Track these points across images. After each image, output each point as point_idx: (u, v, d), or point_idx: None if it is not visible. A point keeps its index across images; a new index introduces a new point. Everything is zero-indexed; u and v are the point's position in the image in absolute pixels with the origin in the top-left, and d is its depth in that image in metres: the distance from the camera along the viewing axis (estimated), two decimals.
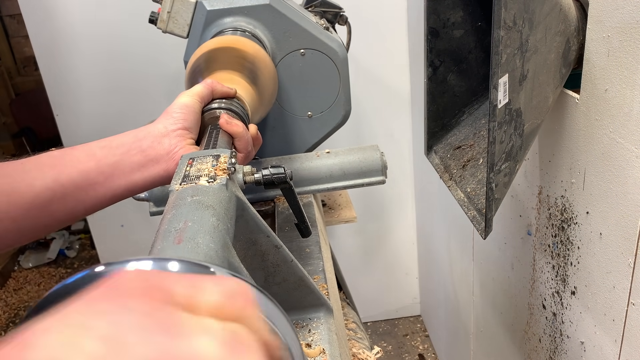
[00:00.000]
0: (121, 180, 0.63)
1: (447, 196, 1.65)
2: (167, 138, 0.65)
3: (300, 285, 0.67)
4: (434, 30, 0.92)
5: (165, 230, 0.43)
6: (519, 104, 0.77)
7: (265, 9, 0.98)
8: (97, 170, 0.62)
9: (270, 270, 0.64)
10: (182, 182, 0.51)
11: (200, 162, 0.55)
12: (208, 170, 0.53)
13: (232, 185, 0.54)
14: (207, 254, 0.40)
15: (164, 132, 0.66)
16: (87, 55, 1.81)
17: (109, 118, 1.89)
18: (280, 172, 0.62)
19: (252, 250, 0.61)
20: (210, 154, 0.57)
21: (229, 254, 0.44)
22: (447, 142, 1.00)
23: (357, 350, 0.94)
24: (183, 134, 0.66)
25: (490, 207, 0.79)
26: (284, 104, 1.06)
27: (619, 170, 0.80)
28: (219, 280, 0.29)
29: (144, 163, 0.64)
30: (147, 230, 2.08)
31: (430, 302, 2.26)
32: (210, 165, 0.54)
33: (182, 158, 0.58)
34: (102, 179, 0.62)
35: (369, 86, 1.97)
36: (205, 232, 0.42)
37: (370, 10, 1.86)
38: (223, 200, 0.49)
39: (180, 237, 0.41)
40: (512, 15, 0.69)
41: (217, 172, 0.53)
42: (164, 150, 0.64)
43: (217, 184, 0.50)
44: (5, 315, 2.76)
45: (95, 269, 0.31)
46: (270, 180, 0.62)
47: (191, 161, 0.56)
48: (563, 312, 1.03)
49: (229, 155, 0.56)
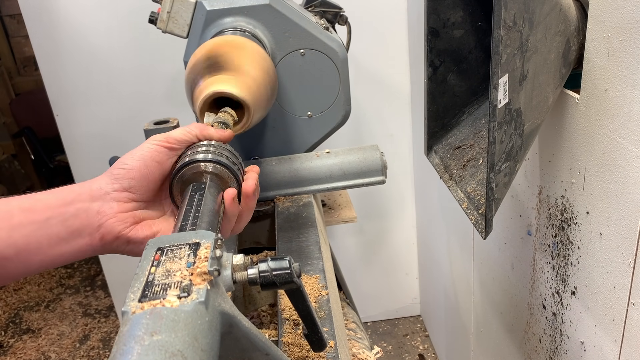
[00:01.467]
0: (35, 255, 0.52)
1: (447, 196, 1.65)
2: (97, 203, 0.54)
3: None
4: (434, 30, 0.92)
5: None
6: (519, 104, 0.77)
7: (265, 9, 0.98)
8: (7, 241, 0.51)
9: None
10: (142, 296, 0.37)
11: (172, 258, 0.41)
12: (181, 275, 0.39)
13: (215, 298, 0.39)
14: None
15: (97, 195, 0.55)
16: (87, 55, 1.81)
17: (108, 118, 1.89)
18: (284, 267, 0.46)
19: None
20: (187, 242, 0.43)
21: None
22: (447, 142, 1.00)
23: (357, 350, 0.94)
24: (119, 197, 0.55)
25: (490, 207, 0.79)
26: (284, 104, 1.06)
27: (619, 170, 0.80)
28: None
29: (63, 236, 0.53)
30: None
31: (430, 302, 2.26)
32: (184, 265, 0.40)
33: (147, 248, 0.44)
34: (13, 253, 0.51)
35: (369, 86, 1.97)
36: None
37: (370, 10, 1.86)
38: (199, 334, 0.35)
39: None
40: (512, 15, 0.69)
41: (194, 278, 0.39)
42: (87, 219, 0.54)
43: (192, 302, 0.36)
44: (5, 315, 2.76)
45: None
46: (270, 280, 0.46)
47: (159, 255, 0.42)
48: (563, 312, 1.03)
49: (212, 244, 0.42)
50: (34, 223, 0.52)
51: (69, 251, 0.54)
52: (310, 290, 0.78)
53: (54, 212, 0.53)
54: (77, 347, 2.48)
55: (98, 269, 2.99)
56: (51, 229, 0.53)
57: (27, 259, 0.52)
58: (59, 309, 2.77)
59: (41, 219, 0.53)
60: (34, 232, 0.52)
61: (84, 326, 2.61)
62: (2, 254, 0.51)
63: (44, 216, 0.53)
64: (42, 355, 2.44)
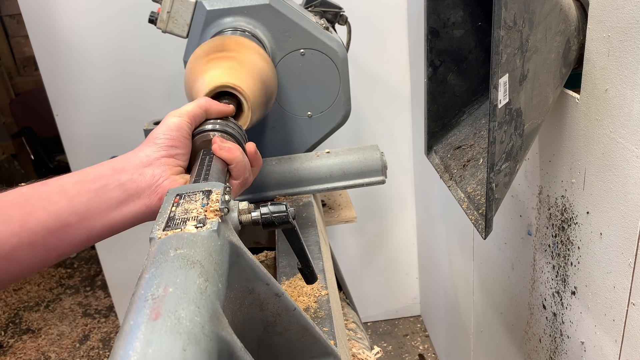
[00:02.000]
0: (97, 220, 0.56)
1: (447, 196, 1.65)
2: (150, 168, 0.58)
3: (304, 335, 0.60)
4: (434, 30, 0.92)
5: (141, 297, 0.37)
6: (519, 104, 0.77)
7: (265, 8, 0.98)
8: (69, 209, 0.54)
9: (270, 320, 0.57)
10: (165, 226, 0.45)
11: (188, 201, 0.49)
12: (197, 212, 0.47)
13: (225, 229, 0.47)
14: (191, 332, 0.34)
15: (146, 162, 0.59)
16: (87, 55, 1.81)
17: (108, 118, 1.89)
18: (281, 210, 0.55)
19: (248, 299, 0.54)
20: (200, 190, 0.51)
21: (218, 327, 0.38)
22: (447, 142, 1.00)
23: (357, 350, 0.94)
24: (168, 162, 0.60)
25: (491, 207, 0.79)
26: (284, 104, 1.06)
27: (619, 170, 0.80)
28: None
29: (123, 199, 0.57)
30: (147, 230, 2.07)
31: (430, 302, 2.26)
32: (199, 205, 0.48)
33: (168, 194, 0.51)
34: (76, 219, 0.55)
35: (369, 86, 1.97)
36: (189, 301, 0.37)
37: (370, 10, 1.86)
38: (213, 252, 0.43)
39: (159, 309, 0.35)
40: (512, 15, 0.69)
41: (208, 214, 0.46)
42: (145, 182, 0.58)
43: (207, 230, 0.44)
44: (5, 315, 2.76)
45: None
46: (270, 220, 0.54)
47: (178, 199, 0.49)
48: (563, 312, 1.03)
49: (222, 191, 0.50)
50: (90, 192, 0.56)
51: (129, 213, 0.57)
52: (310, 290, 0.78)
53: (108, 180, 0.57)
54: (77, 347, 2.48)
55: (98, 269, 2.99)
56: (109, 194, 0.56)
57: (89, 224, 0.55)
58: (58, 309, 2.77)
59: (97, 187, 0.56)
60: (93, 199, 0.55)
61: (84, 326, 2.61)
62: (65, 222, 0.54)
63: (99, 184, 0.56)
64: (42, 356, 2.44)
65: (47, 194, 0.55)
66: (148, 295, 0.37)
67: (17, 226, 0.52)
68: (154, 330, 0.34)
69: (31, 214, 0.53)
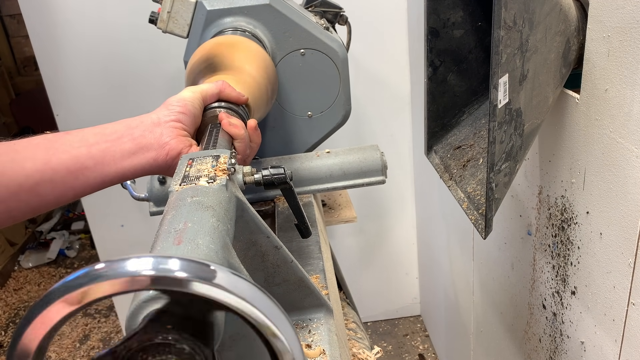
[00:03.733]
0: (111, 166, 0.64)
1: (447, 196, 1.65)
2: (160, 127, 0.66)
3: (300, 286, 0.67)
4: (434, 30, 0.92)
5: (165, 231, 0.43)
6: (519, 103, 0.77)
7: (265, 9, 0.98)
8: (87, 155, 0.62)
9: (270, 271, 0.64)
10: (182, 182, 0.51)
11: (200, 163, 0.55)
12: (208, 171, 0.53)
13: (232, 186, 0.54)
14: (208, 255, 0.40)
15: (157, 122, 0.66)
16: (87, 55, 1.81)
17: (109, 118, 1.87)
18: (280, 172, 0.63)
19: (252, 250, 0.61)
20: (210, 155, 0.57)
21: (228, 255, 0.44)
22: (447, 142, 1.00)
23: (357, 350, 0.94)
24: (176, 126, 0.66)
25: (490, 207, 0.79)
26: (284, 104, 1.06)
27: (619, 170, 0.80)
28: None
29: (134, 150, 0.64)
30: (147, 230, 2.08)
31: (430, 302, 2.26)
32: (210, 166, 0.54)
33: (182, 158, 0.58)
34: (92, 164, 0.62)
35: (369, 86, 1.97)
36: (205, 233, 0.42)
37: (370, 10, 1.86)
38: (223, 201, 0.49)
39: (180, 238, 0.41)
40: (512, 15, 0.69)
41: (217, 172, 0.53)
42: (154, 138, 0.65)
43: (217, 184, 0.50)
44: (5, 315, 2.76)
45: (95, 267, 0.31)
46: (270, 180, 0.62)
47: (191, 162, 0.56)
48: (563, 312, 1.03)
49: (228, 155, 0.56)
50: (107, 141, 0.64)
51: (138, 164, 0.65)
52: None
53: (124, 133, 0.65)
54: (77, 347, 2.48)
55: None
56: (123, 145, 0.64)
57: (103, 169, 0.63)
58: None
59: (113, 138, 0.64)
60: (109, 148, 0.63)
61: (84, 326, 2.61)
62: (83, 165, 0.62)
63: (115, 136, 0.64)
64: None
65: (69, 140, 0.63)
66: (171, 229, 0.42)
67: (41, 164, 0.60)
68: (178, 251, 0.39)
69: (55, 155, 0.61)
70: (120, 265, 0.31)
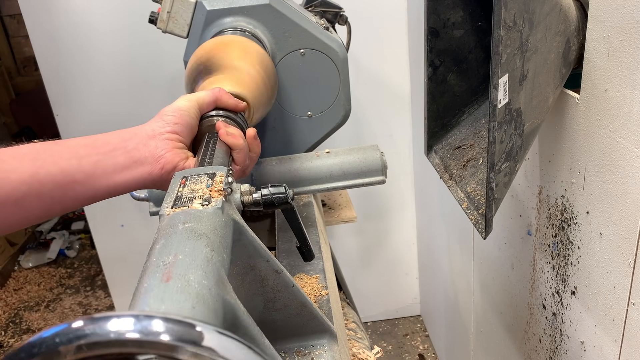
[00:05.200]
0: (102, 180, 0.60)
1: (447, 196, 1.65)
2: (154, 140, 0.63)
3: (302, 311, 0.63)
4: (434, 30, 0.92)
5: (153, 263, 0.40)
6: (519, 103, 0.77)
7: (265, 9, 0.98)
8: (77, 168, 0.59)
9: (270, 296, 0.60)
10: (173, 204, 0.48)
11: (194, 182, 0.52)
12: (202, 192, 0.49)
13: (229, 208, 0.50)
14: (199, 293, 0.37)
15: (152, 134, 0.63)
16: (87, 55, 1.81)
17: (109, 118, 1.89)
18: (281, 192, 0.59)
19: (250, 275, 0.57)
20: (205, 172, 0.54)
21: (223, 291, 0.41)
22: (447, 142, 1.00)
23: (357, 350, 0.94)
24: (171, 138, 0.64)
25: (490, 207, 0.79)
26: (284, 104, 1.06)
27: (619, 170, 0.80)
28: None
29: (127, 164, 0.61)
30: (147, 230, 2.08)
31: (430, 302, 2.26)
32: (204, 186, 0.51)
33: (175, 176, 0.54)
34: (82, 177, 0.59)
35: (369, 86, 1.97)
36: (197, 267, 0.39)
37: (370, 10, 1.86)
38: (218, 226, 0.46)
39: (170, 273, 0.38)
40: (512, 15, 0.69)
41: (212, 193, 0.49)
42: (149, 152, 0.62)
43: (212, 207, 0.47)
44: (5, 315, 2.76)
45: (72, 325, 0.28)
46: (270, 200, 0.58)
47: (184, 180, 0.52)
48: (563, 312, 1.03)
49: (225, 173, 0.53)
50: (99, 154, 0.61)
51: (131, 178, 0.62)
52: (310, 290, 0.78)
53: (116, 145, 0.62)
54: None
55: (98, 269, 3.00)
56: (116, 159, 0.61)
57: (95, 183, 0.60)
58: (59, 309, 2.77)
59: (105, 150, 0.61)
60: (100, 161, 0.60)
61: None
62: (73, 178, 0.59)
63: (107, 149, 0.61)
64: None
65: (58, 151, 0.59)
66: (160, 262, 0.39)
67: (27, 176, 0.56)
68: (166, 290, 0.36)
69: (42, 167, 0.57)
70: (100, 325, 0.28)
